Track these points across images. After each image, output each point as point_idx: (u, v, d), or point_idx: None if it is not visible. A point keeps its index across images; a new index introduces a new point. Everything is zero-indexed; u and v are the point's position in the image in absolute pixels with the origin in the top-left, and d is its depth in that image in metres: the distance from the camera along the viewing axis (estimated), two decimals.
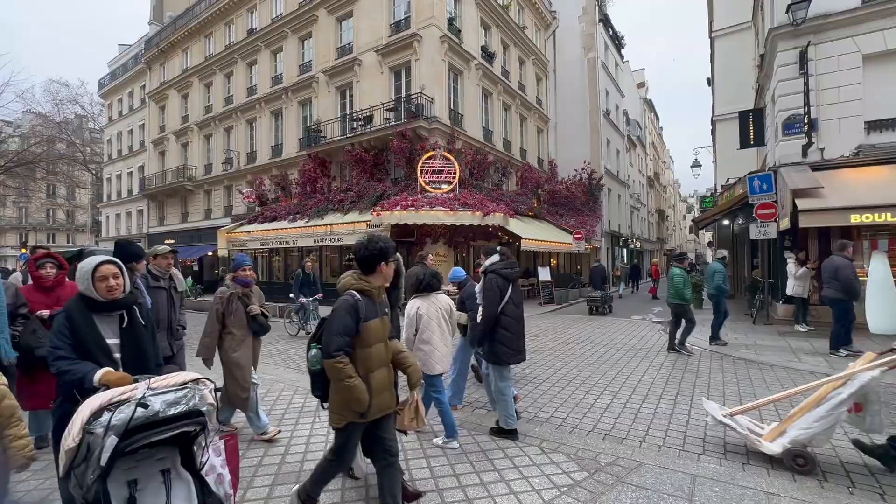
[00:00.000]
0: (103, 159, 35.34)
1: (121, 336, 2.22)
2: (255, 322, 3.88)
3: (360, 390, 2.23)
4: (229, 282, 3.92)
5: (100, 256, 2.24)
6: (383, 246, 2.42)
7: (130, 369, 2.13)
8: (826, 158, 9.30)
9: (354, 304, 2.30)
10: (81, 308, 2.16)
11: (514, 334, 3.74)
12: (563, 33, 24.58)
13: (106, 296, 2.16)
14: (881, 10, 8.91)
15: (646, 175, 40.22)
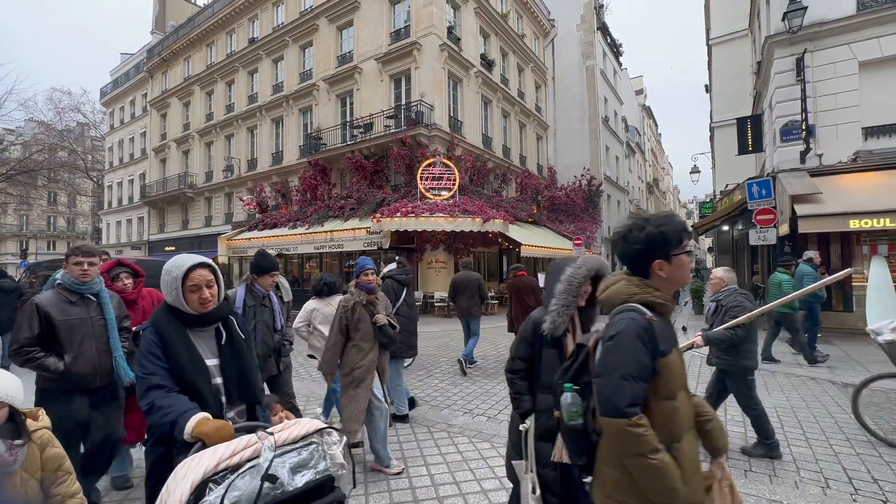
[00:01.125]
0: (104, 167, 35.49)
1: (220, 355, 1.77)
2: (383, 333, 3.34)
3: (672, 475, 1.23)
4: (352, 288, 3.42)
5: (188, 257, 1.75)
6: (671, 230, 1.38)
7: (235, 397, 1.75)
8: (824, 164, 9.34)
9: (648, 326, 1.32)
10: (173, 322, 1.71)
11: (408, 332, 4.43)
12: (562, 41, 24.80)
13: (198, 309, 1.72)
14: (876, 18, 9.00)
15: (645, 181, 40.34)
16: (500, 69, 19.40)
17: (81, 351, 2.61)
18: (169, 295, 1.72)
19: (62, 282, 2.69)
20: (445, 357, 7.67)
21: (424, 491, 3.02)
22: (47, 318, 2.55)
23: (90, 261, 2.72)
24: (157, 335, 1.67)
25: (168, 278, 1.72)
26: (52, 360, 2.51)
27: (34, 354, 2.50)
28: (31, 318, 2.53)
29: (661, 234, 1.37)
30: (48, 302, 2.59)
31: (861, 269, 9.25)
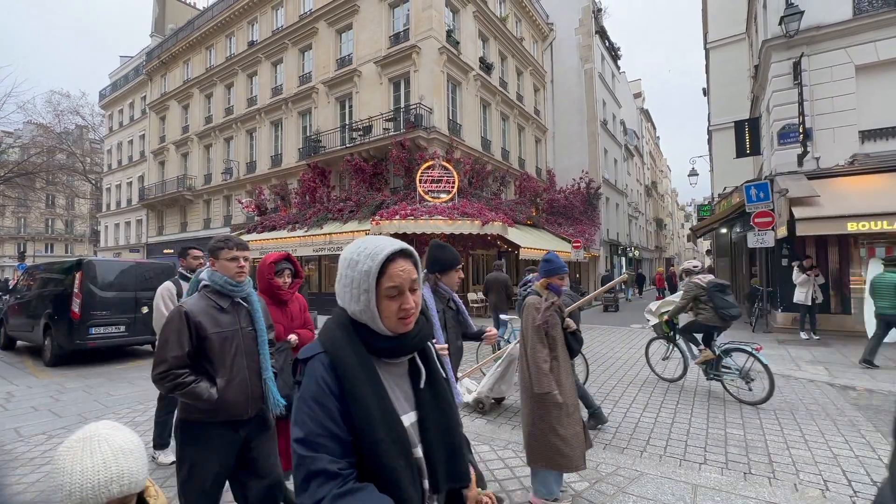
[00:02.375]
0: (103, 169, 35.47)
1: (419, 407, 1.08)
2: (574, 339, 2.95)
3: None
4: (540, 288, 2.92)
5: (385, 241, 1.06)
6: None
7: (441, 480, 1.05)
8: (821, 167, 9.38)
9: None
10: (357, 349, 1.01)
11: None
12: (561, 45, 24.91)
13: (396, 328, 1.03)
14: (872, 23, 9.07)
15: (643, 184, 40.45)
16: (498, 72, 19.46)
17: (234, 372, 2.05)
18: (351, 300, 1.02)
19: (211, 282, 2.13)
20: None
21: None
22: (198, 330, 1.99)
23: (245, 255, 2.19)
24: (333, 371, 0.98)
25: (354, 273, 1.01)
26: (205, 386, 1.96)
27: (184, 378, 1.93)
28: (181, 330, 1.96)
29: None
30: (198, 309, 2.02)
31: (859, 272, 9.28)
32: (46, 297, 8.15)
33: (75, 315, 7.20)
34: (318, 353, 1.02)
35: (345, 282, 1.05)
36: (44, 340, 7.80)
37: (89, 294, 7.31)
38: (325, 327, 1.08)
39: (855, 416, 4.51)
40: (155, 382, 1.96)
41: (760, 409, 4.77)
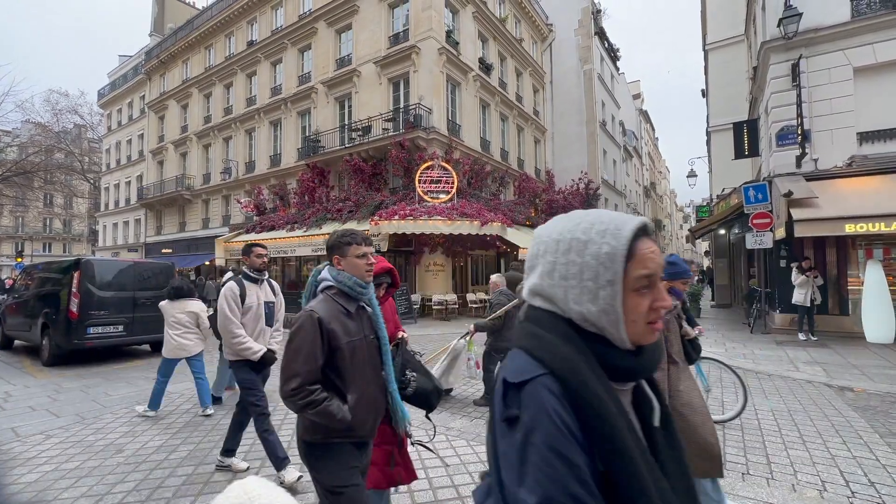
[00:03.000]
0: (101, 169, 35.40)
1: (652, 452, 0.74)
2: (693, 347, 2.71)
3: None
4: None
5: (614, 214, 0.77)
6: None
7: None
8: (820, 169, 9.41)
9: None
10: (597, 373, 0.71)
11: None
12: (560, 46, 24.93)
13: (642, 337, 0.75)
14: (870, 25, 9.10)
15: (642, 185, 40.51)
16: (498, 73, 19.48)
17: (364, 386, 1.79)
18: (582, 298, 0.73)
19: (337, 283, 1.82)
20: None
21: (422, 494, 3.01)
22: (331, 338, 1.72)
23: (371, 251, 1.90)
24: (568, 404, 0.66)
25: (584, 258, 0.73)
26: (338, 405, 1.69)
27: (317, 395, 1.66)
28: (315, 340, 1.68)
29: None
30: (330, 315, 1.73)
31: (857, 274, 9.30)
32: (44, 296, 8.13)
33: (73, 315, 7.18)
34: (539, 374, 0.68)
35: (564, 272, 0.74)
36: (41, 340, 7.78)
37: (87, 294, 7.30)
38: (531, 333, 0.75)
39: (852, 417, 4.52)
40: (285, 399, 1.68)
41: (758, 409, 4.77)
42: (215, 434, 4.19)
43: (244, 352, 3.25)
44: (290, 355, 1.70)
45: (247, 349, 3.25)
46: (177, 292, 4.95)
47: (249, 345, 3.26)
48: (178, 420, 4.64)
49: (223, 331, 3.26)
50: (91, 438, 4.13)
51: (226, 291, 3.32)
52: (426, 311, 14.20)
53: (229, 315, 3.25)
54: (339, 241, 1.86)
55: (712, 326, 11.40)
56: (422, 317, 13.92)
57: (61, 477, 3.34)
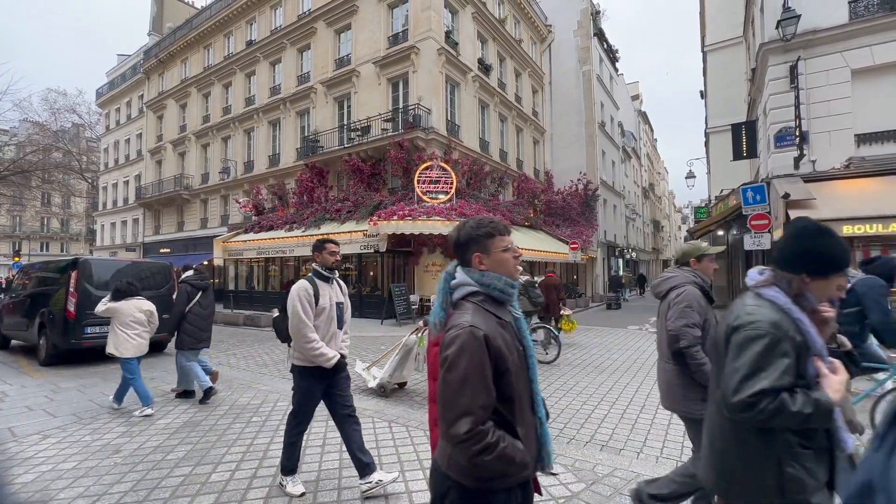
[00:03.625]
0: (99, 168, 35.31)
1: None
2: (850, 359, 2.34)
3: None
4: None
5: None
6: None
7: None
8: (818, 170, 9.44)
9: None
10: None
11: (197, 328, 5.41)
12: (559, 47, 24.98)
13: None
14: (868, 27, 9.13)
15: (641, 186, 40.58)
16: (497, 73, 19.49)
17: (528, 413, 1.41)
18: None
19: (485, 287, 1.43)
20: None
21: (421, 495, 3.01)
22: (498, 360, 1.33)
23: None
24: None
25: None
26: (512, 444, 1.31)
27: (492, 437, 1.27)
28: (484, 365, 1.29)
29: None
30: (492, 331, 1.35)
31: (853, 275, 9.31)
32: (41, 296, 8.11)
33: (71, 314, 7.17)
34: None
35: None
36: (39, 339, 7.75)
37: (85, 293, 7.28)
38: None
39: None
40: (456, 445, 1.27)
41: None
42: (212, 434, 4.18)
43: (318, 358, 2.97)
44: (456, 387, 1.28)
45: (321, 355, 2.96)
46: (130, 291, 5.08)
47: (324, 350, 2.98)
48: (175, 420, 4.63)
49: (296, 334, 2.96)
50: (88, 438, 4.12)
51: (299, 292, 2.99)
52: (425, 312, 14.19)
53: (304, 318, 2.94)
54: (479, 234, 1.47)
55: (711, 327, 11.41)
56: (421, 317, 13.91)
57: (58, 477, 3.33)
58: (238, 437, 4.11)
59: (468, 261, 1.48)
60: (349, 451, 3.07)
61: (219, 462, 3.56)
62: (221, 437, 4.10)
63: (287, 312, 3.07)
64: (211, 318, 5.72)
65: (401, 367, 5.55)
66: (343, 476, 3.29)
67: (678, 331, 2.44)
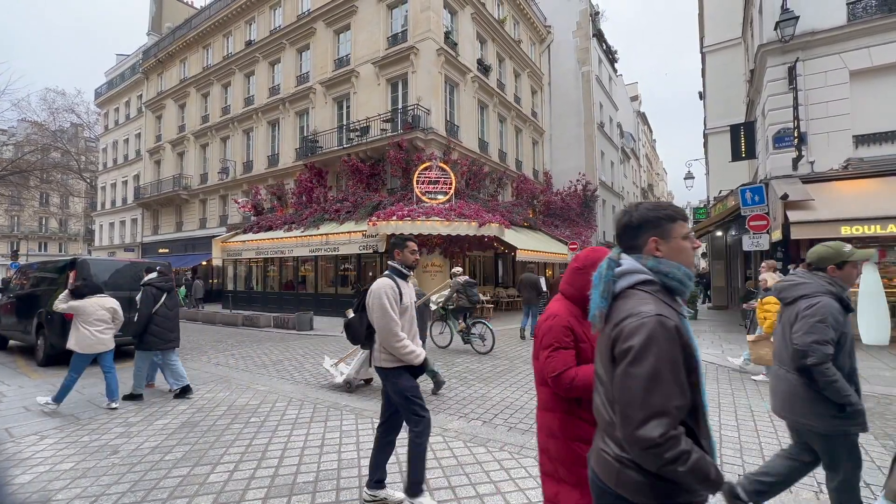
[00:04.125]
0: (98, 168, 35.25)
1: None
2: None
3: None
4: None
5: None
6: None
7: None
8: (816, 171, 9.45)
9: None
10: None
11: (165, 329, 5.52)
12: (558, 47, 25.01)
13: None
14: (866, 29, 9.15)
15: (640, 186, 40.62)
16: (496, 74, 19.51)
17: (706, 428, 1.26)
18: None
19: (662, 277, 1.29)
20: (441, 361, 7.65)
21: None
22: (687, 357, 1.20)
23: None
24: None
25: None
26: (704, 457, 1.14)
27: (686, 444, 1.12)
28: (677, 360, 1.16)
29: None
30: (680, 320, 1.23)
31: None
32: (40, 296, 8.08)
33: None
34: None
35: None
36: (36, 340, 7.73)
37: None
38: None
39: None
40: (645, 451, 1.11)
41: (754, 411, 4.80)
42: (211, 435, 4.17)
43: (408, 355, 2.87)
44: (644, 383, 1.12)
45: (411, 352, 2.88)
46: (92, 289, 5.22)
47: (413, 347, 2.90)
48: (173, 421, 4.63)
49: (387, 333, 2.84)
50: (86, 439, 4.11)
51: (385, 290, 2.87)
52: None
53: (394, 316, 2.84)
54: (658, 217, 1.32)
55: (709, 328, 11.44)
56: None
57: (56, 478, 3.32)
58: (236, 437, 4.10)
59: (638, 246, 1.34)
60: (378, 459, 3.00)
61: (217, 462, 3.55)
62: (220, 438, 4.09)
63: (362, 313, 2.98)
64: (177, 318, 5.82)
65: (368, 364, 5.73)
66: (342, 477, 3.29)
67: (806, 347, 2.22)
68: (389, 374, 2.92)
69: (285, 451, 3.78)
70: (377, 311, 2.83)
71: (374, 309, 2.85)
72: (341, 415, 4.73)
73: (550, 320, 1.77)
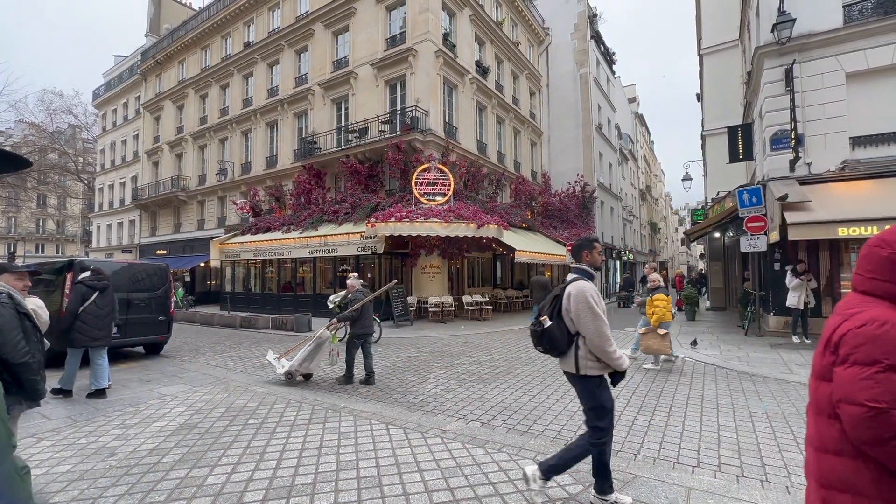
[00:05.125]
0: (96, 169, 35.18)
1: None
2: None
3: None
4: None
5: None
6: None
7: None
8: (813, 173, 9.49)
9: None
10: None
11: (91, 327, 5.60)
12: (556, 49, 25.09)
13: None
14: (861, 31, 9.21)
15: (638, 188, 40.69)
16: (494, 76, 19.54)
17: None
18: None
19: None
20: (440, 362, 7.64)
21: (418, 497, 3.00)
22: None
23: None
24: None
25: None
26: None
27: None
28: None
29: None
30: None
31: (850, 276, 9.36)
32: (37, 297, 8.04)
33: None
34: None
35: None
36: None
37: None
38: None
39: None
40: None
41: (753, 412, 4.80)
42: (209, 437, 4.16)
43: (618, 360, 2.70)
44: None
45: (619, 357, 2.69)
46: None
47: (621, 352, 2.70)
48: (171, 423, 4.61)
49: (600, 338, 2.65)
50: (83, 441, 4.09)
51: (590, 293, 2.70)
52: (422, 314, 14.18)
53: (605, 320, 2.69)
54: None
55: (707, 329, 11.46)
56: (418, 319, 13.90)
57: (53, 480, 3.30)
58: (234, 439, 4.09)
59: None
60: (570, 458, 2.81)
61: (215, 464, 3.54)
62: (217, 440, 4.08)
63: (559, 319, 2.77)
64: (109, 317, 5.88)
65: (310, 359, 6.12)
66: (340, 479, 3.28)
67: None
68: (590, 383, 2.74)
69: (283, 453, 3.77)
70: (587, 315, 2.65)
71: (583, 313, 2.66)
72: (339, 416, 4.72)
73: (878, 327, 1.18)
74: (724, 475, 3.34)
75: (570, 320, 2.74)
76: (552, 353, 2.89)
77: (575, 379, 2.80)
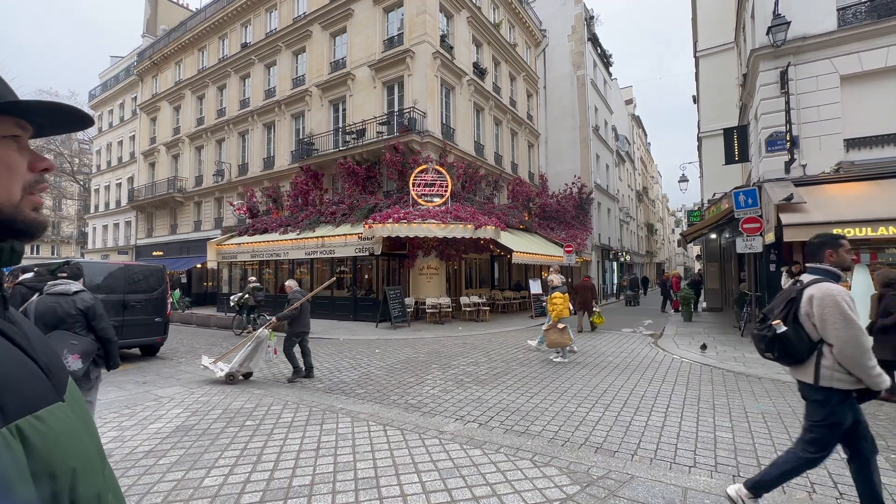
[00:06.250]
0: (91, 170, 35.01)
1: None
2: None
3: None
4: None
5: None
6: None
7: None
8: (808, 174, 9.55)
9: None
10: None
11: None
12: (553, 51, 25.17)
13: None
14: (856, 34, 9.28)
15: (634, 189, 40.84)
16: (492, 78, 19.59)
17: None
18: None
19: None
20: (437, 363, 7.64)
21: (415, 498, 3.00)
22: None
23: None
24: None
25: None
26: None
27: None
28: None
29: None
30: None
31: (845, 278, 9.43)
32: None
33: None
34: None
35: None
36: None
37: None
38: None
39: None
40: None
41: (749, 412, 4.82)
42: (205, 439, 4.15)
43: (877, 378, 2.33)
44: None
45: (879, 374, 2.33)
46: None
47: (880, 369, 2.36)
48: (167, 425, 4.59)
49: (857, 348, 2.35)
50: None
51: (844, 296, 2.41)
52: (420, 315, 14.18)
53: (862, 328, 2.38)
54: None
55: (703, 330, 11.50)
56: (415, 320, 13.89)
57: None
58: (231, 440, 4.08)
59: None
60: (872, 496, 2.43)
61: (212, 466, 3.53)
62: (214, 441, 4.07)
63: (795, 325, 2.54)
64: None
65: (250, 359, 6.33)
66: (338, 480, 3.28)
67: None
68: (834, 398, 2.42)
69: (281, 455, 3.76)
70: (840, 322, 2.38)
71: (832, 320, 2.39)
72: (337, 418, 4.71)
73: None
74: (720, 475, 3.35)
75: (811, 326, 2.49)
76: (784, 360, 2.64)
77: (810, 390, 2.52)
